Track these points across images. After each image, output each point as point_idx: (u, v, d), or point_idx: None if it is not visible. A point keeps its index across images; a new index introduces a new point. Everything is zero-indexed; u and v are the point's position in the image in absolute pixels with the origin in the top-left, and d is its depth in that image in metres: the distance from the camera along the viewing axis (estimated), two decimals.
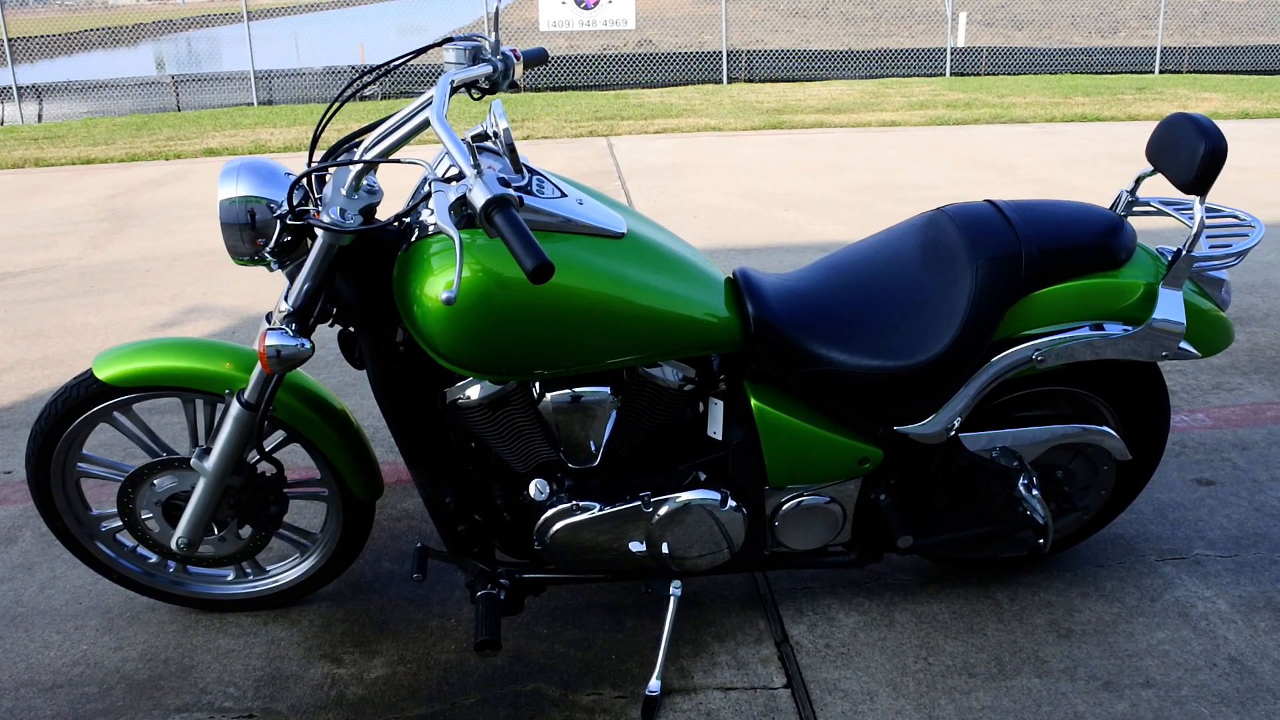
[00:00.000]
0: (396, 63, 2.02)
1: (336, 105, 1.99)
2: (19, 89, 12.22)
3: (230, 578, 2.50)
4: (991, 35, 18.35)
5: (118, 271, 5.50)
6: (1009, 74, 14.34)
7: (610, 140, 9.31)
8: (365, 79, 2.02)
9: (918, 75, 14.32)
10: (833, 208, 6.48)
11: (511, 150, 1.74)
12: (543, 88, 13.44)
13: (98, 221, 6.65)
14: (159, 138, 10.13)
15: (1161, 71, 14.28)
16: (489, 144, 1.98)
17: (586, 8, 13.53)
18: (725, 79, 13.89)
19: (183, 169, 8.50)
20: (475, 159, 1.60)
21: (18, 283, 5.33)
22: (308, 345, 1.92)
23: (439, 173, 1.85)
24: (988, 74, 14.36)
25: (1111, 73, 14.27)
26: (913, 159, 8.08)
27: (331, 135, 8.67)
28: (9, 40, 12.40)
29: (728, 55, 13.89)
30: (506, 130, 1.72)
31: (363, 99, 12.41)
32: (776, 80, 14.03)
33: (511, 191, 1.58)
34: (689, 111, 11.03)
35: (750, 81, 13.97)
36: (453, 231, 1.57)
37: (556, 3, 13.43)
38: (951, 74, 14.27)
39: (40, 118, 12.37)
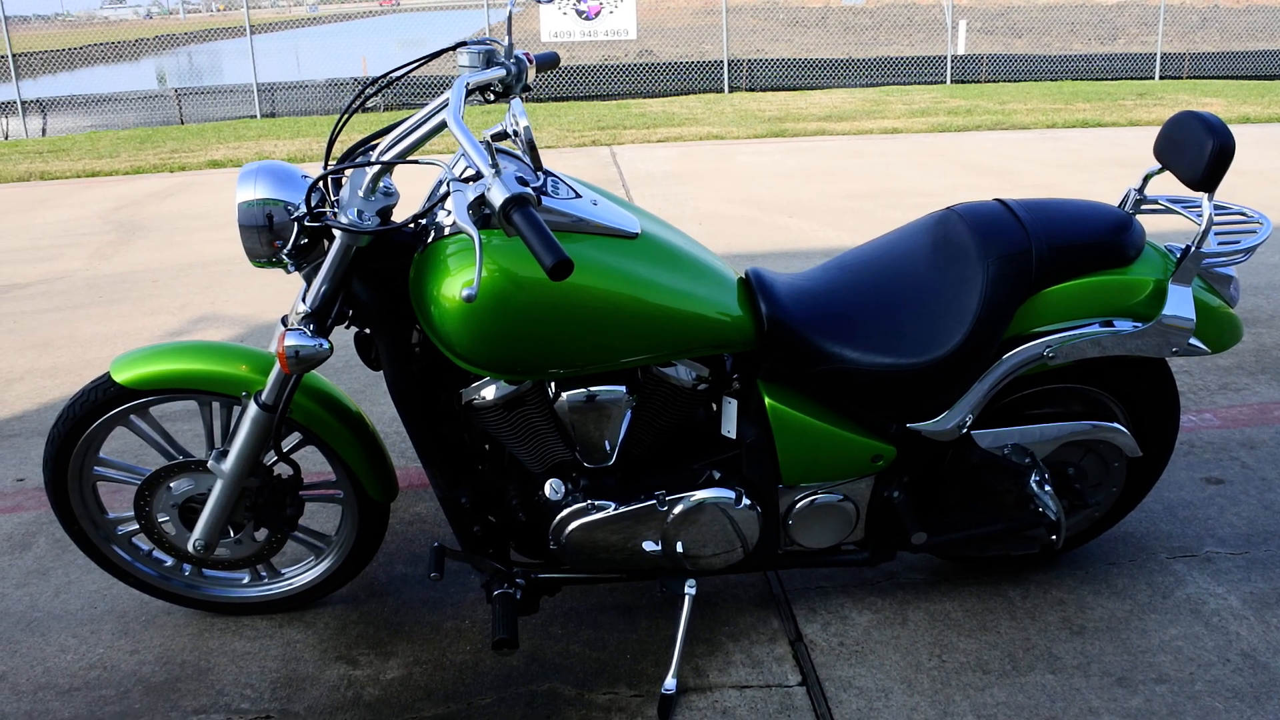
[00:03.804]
0: (411, 66, 2.04)
1: (354, 108, 2.00)
2: (23, 103, 12.27)
3: (246, 581, 2.51)
4: (991, 43, 18.41)
5: (124, 282, 5.52)
6: (1009, 81, 14.39)
7: (613, 149, 9.34)
8: (382, 81, 2.03)
9: (918, 83, 14.37)
10: (834, 214, 6.50)
11: (532, 148, 1.75)
12: (545, 98, 13.49)
13: (104, 233, 6.67)
14: (163, 150, 10.16)
15: (1162, 77, 14.32)
16: (506, 144, 1.99)
17: (588, 18, 13.59)
18: (726, 88, 13.94)
19: (187, 181, 8.53)
20: (494, 158, 1.62)
21: (25, 294, 5.35)
22: (326, 345, 1.93)
23: (456, 173, 1.86)
24: (988, 81, 14.41)
25: (1112, 79, 14.32)
26: (914, 165, 8.10)
27: (339, 145, 8.70)
28: (13, 55, 12.46)
29: (729, 64, 13.95)
30: (527, 128, 1.73)
31: (366, 111, 12.45)
32: (778, 89, 14.08)
33: (529, 190, 1.59)
34: (691, 120, 11.06)
35: (751, 90, 14.02)
36: (472, 230, 1.58)
37: (558, 14, 13.50)
38: (952, 81, 14.32)
39: (44, 131, 12.42)
